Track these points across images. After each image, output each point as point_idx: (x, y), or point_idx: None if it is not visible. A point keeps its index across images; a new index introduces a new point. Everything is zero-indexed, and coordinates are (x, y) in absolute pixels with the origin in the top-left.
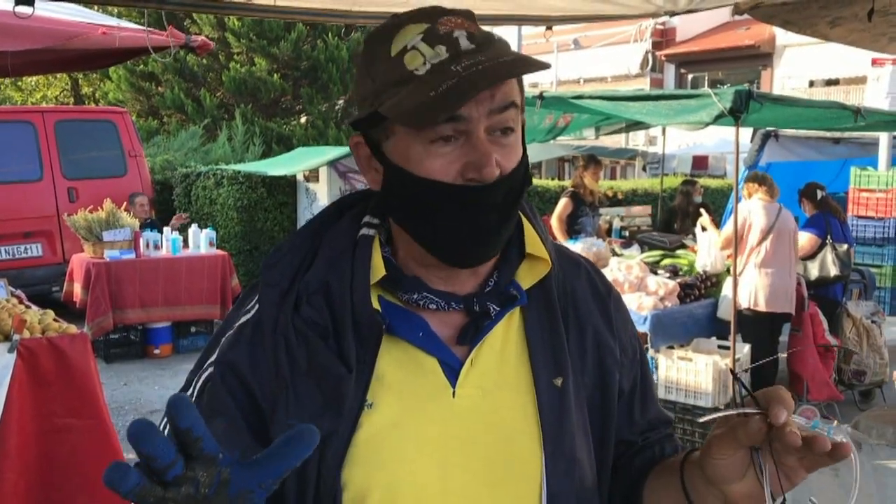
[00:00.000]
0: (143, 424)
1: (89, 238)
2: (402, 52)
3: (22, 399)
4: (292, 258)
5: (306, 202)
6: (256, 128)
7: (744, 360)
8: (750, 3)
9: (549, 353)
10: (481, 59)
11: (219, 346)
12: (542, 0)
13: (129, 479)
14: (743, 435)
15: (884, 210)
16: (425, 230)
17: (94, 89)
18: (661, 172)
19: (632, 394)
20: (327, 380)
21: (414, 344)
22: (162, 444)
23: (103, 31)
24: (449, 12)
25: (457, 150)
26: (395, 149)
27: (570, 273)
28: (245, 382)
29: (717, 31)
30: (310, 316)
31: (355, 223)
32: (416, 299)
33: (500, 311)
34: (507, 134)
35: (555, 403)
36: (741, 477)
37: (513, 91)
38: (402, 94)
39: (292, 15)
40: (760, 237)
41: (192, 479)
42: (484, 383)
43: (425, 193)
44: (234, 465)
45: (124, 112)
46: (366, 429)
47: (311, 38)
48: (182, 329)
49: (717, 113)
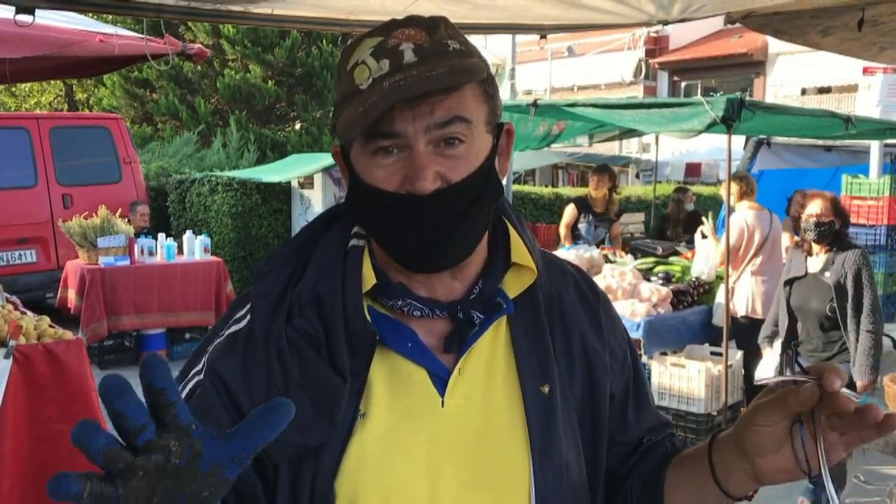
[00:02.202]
0: (118, 380)
1: (84, 244)
2: (354, 67)
3: (17, 404)
4: (284, 269)
5: (301, 209)
6: (251, 134)
7: (736, 367)
8: (742, 12)
9: (535, 362)
10: (412, 74)
11: (206, 354)
12: (536, 9)
13: (99, 438)
14: (794, 400)
15: (875, 218)
16: (381, 236)
17: (89, 95)
18: (654, 180)
19: (624, 397)
20: (322, 390)
21: (403, 354)
22: (135, 404)
23: (101, 39)
24: (407, 24)
25: (399, 162)
26: (354, 158)
27: (557, 280)
28: (233, 393)
29: (710, 39)
30: (302, 326)
31: (345, 233)
32: (401, 306)
33: (484, 319)
34: (454, 145)
35: (542, 411)
36: (777, 449)
37: (460, 105)
38: (348, 109)
39: (289, 23)
40: (757, 248)
41: (163, 448)
42: (472, 392)
43: (372, 201)
44: (207, 438)
45: (119, 118)
46: (358, 439)
47: (306, 45)
48: (176, 335)
49: (710, 121)
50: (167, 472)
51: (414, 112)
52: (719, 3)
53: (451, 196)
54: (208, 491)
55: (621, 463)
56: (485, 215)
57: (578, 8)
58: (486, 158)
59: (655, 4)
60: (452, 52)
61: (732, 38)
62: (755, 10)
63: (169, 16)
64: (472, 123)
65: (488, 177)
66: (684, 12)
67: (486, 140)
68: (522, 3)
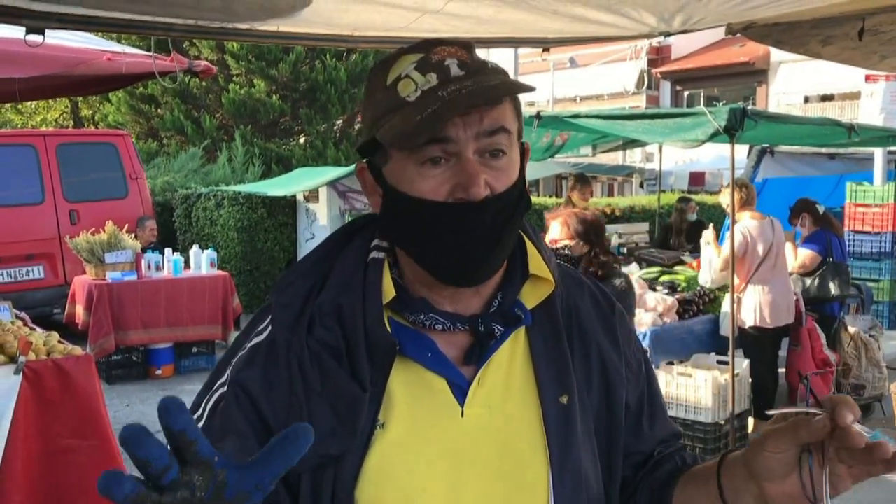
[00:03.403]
0: (136, 429)
1: (91, 260)
2: (396, 81)
3: (27, 420)
4: (305, 281)
5: (306, 222)
6: (256, 149)
7: (743, 376)
8: (742, 23)
9: (554, 372)
10: (467, 84)
11: (230, 367)
12: (539, 22)
13: (125, 485)
14: (805, 431)
15: (880, 225)
16: (422, 250)
17: (94, 112)
18: (658, 189)
19: (639, 407)
20: (342, 400)
21: (423, 364)
22: (156, 448)
23: (108, 57)
24: (445, 42)
25: (447, 172)
26: (392, 172)
27: (573, 292)
28: (257, 404)
29: (713, 48)
30: (323, 337)
31: (365, 246)
32: (422, 320)
33: (504, 331)
34: (498, 156)
35: (561, 420)
36: (784, 476)
37: (503, 117)
38: (394, 120)
39: (295, 40)
40: (762, 257)
41: (187, 483)
42: (491, 402)
43: (418, 213)
44: (231, 468)
45: (125, 134)
46: (378, 448)
47: (310, 60)
48: (184, 350)
49: (713, 131)
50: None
51: (464, 120)
52: (720, 15)
53: (497, 205)
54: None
55: (633, 474)
56: (517, 229)
57: (581, 22)
58: (520, 172)
59: (657, 17)
60: (491, 69)
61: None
62: (756, 20)
63: (177, 34)
64: (512, 135)
65: (522, 190)
66: (685, 24)
67: (517, 154)
68: (525, 17)
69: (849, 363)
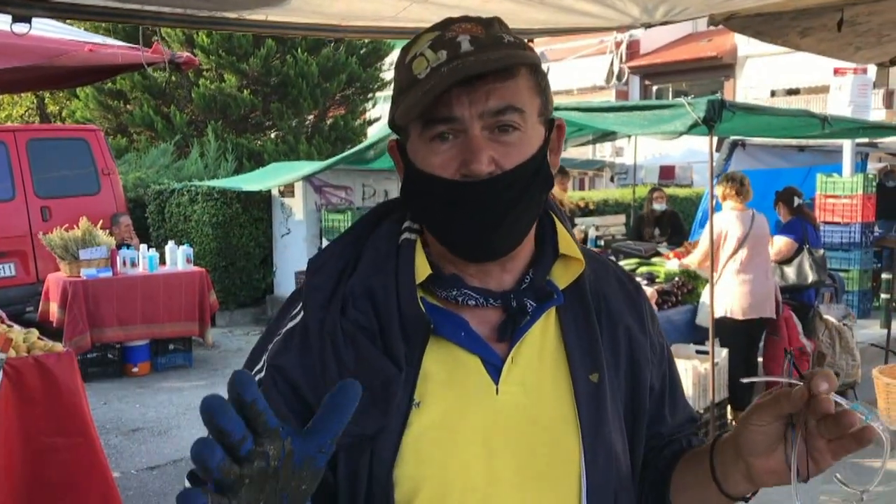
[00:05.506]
0: (217, 399)
1: (65, 257)
2: (413, 59)
3: (9, 418)
4: (335, 263)
5: (282, 217)
6: (228, 144)
7: (722, 365)
8: (724, 14)
9: (585, 350)
10: (470, 60)
11: (265, 354)
12: (525, 13)
13: (216, 454)
14: (785, 401)
15: (849, 216)
16: (435, 224)
17: (61, 108)
18: (633, 182)
19: (661, 390)
20: (377, 379)
21: (456, 343)
22: (234, 420)
23: (90, 49)
24: (464, 20)
25: (455, 148)
26: (411, 148)
27: (600, 273)
28: (297, 386)
29: (680, 42)
30: (356, 319)
31: (395, 229)
32: (455, 296)
33: (536, 307)
34: (508, 132)
35: (592, 398)
36: (771, 451)
37: (513, 94)
38: (407, 97)
39: (283, 30)
40: (736, 246)
41: (262, 454)
42: (525, 380)
43: (429, 189)
44: (294, 436)
45: (97, 130)
46: (415, 427)
47: (281, 54)
48: (160, 347)
49: (691, 122)
50: (269, 474)
51: (470, 97)
52: (702, 6)
53: (503, 182)
54: (306, 484)
55: (646, 453)
56: (534, 206)
57: (566, 12)
58: (538, 149)
59: (640, 7)
60: (507, 44)
61: (702, 42)
62: (737, 11)
63: (166, 23)
64: (526, 113)
65: (540, 168)
66: (668, 14)
67: (539, 131)
68: (511, 7)
69: (823, 351)
